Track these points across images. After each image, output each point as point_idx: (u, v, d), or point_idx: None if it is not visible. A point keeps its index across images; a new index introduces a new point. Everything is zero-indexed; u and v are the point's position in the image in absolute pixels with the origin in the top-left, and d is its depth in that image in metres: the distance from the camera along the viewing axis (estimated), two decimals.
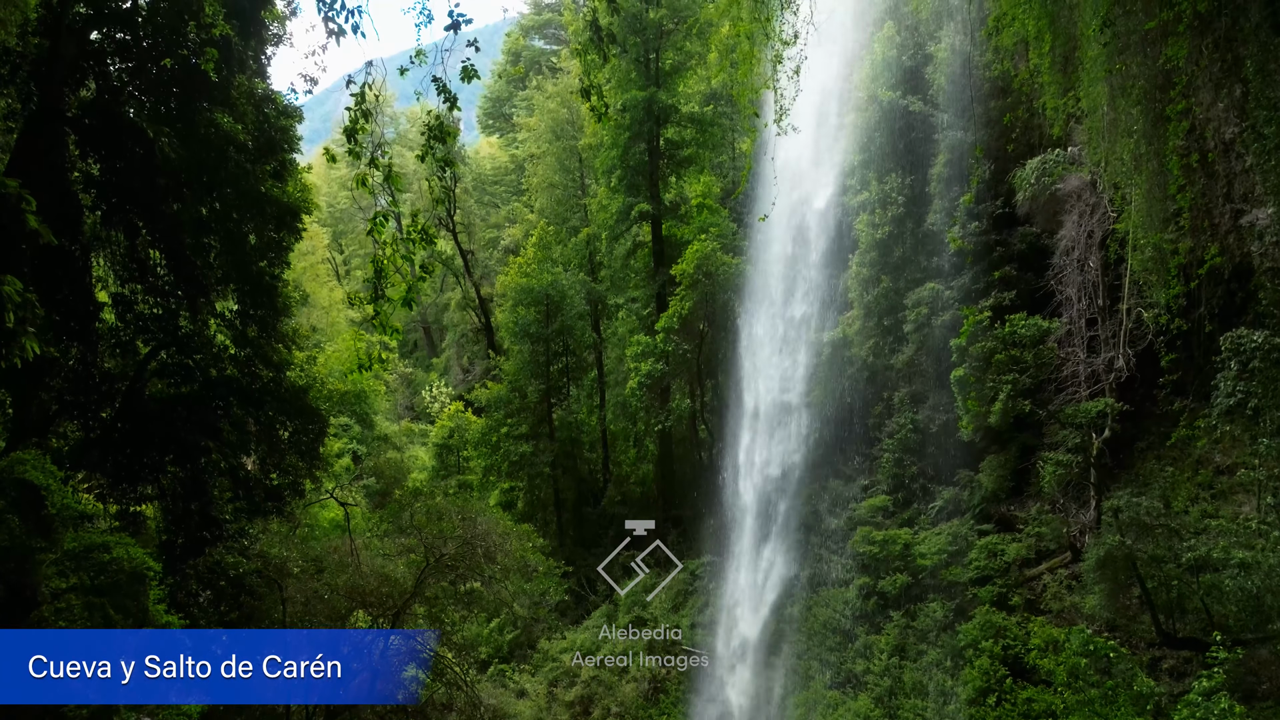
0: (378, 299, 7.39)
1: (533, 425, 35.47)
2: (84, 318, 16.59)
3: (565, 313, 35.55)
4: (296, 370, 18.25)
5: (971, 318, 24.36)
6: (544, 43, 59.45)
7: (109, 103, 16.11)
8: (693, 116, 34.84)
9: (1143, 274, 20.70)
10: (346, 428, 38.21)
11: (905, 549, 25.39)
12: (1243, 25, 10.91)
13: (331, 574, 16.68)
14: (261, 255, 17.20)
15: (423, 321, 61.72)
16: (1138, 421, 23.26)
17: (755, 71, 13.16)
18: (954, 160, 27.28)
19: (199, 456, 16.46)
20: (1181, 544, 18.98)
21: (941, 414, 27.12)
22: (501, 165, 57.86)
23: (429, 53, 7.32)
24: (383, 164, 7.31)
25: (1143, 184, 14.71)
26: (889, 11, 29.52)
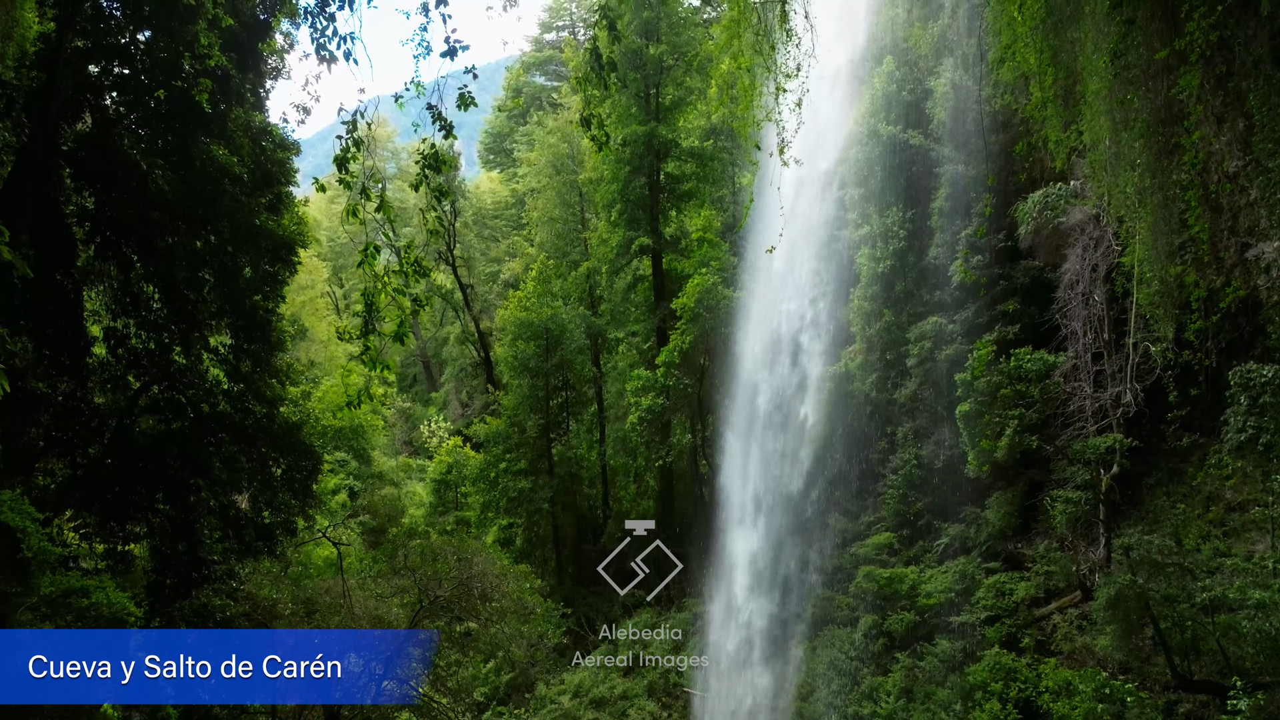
0: (367, 333, 7.11)
1: (532, 461, 35.04)
2: (75, 352, 16.31)
3: (565, 347, 35.30)
4: (290, 406, 17.94)
5: (984, 351, 24.07)
6: (544, 79, 59.95)
7: (104, 136, 15.97)
8: (693, 151, 34.91)
9: (1149, 308, 20.48)
10: (343, 463, 37.77)
11: (911, 588, 24.89)
12: (1244, 59, 10.79)
13: (323, 616, 16.25)
14: (256, 289, 16.96)
15: (422, 355, 61.49)
16: (1146, 457, 22.91)
17: (756, 104, 13.03)
18: (955, 194, 27.23)
19: (188, 495, 16.09)
20: (1195, 583, 18.56)
21: (946, 449, 26.76)
22: (502, 200, 58.01)
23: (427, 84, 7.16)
24: (375, 194, 7.07)
25: (1148, 217, 14.54)
26: (889, 47, 29.64)
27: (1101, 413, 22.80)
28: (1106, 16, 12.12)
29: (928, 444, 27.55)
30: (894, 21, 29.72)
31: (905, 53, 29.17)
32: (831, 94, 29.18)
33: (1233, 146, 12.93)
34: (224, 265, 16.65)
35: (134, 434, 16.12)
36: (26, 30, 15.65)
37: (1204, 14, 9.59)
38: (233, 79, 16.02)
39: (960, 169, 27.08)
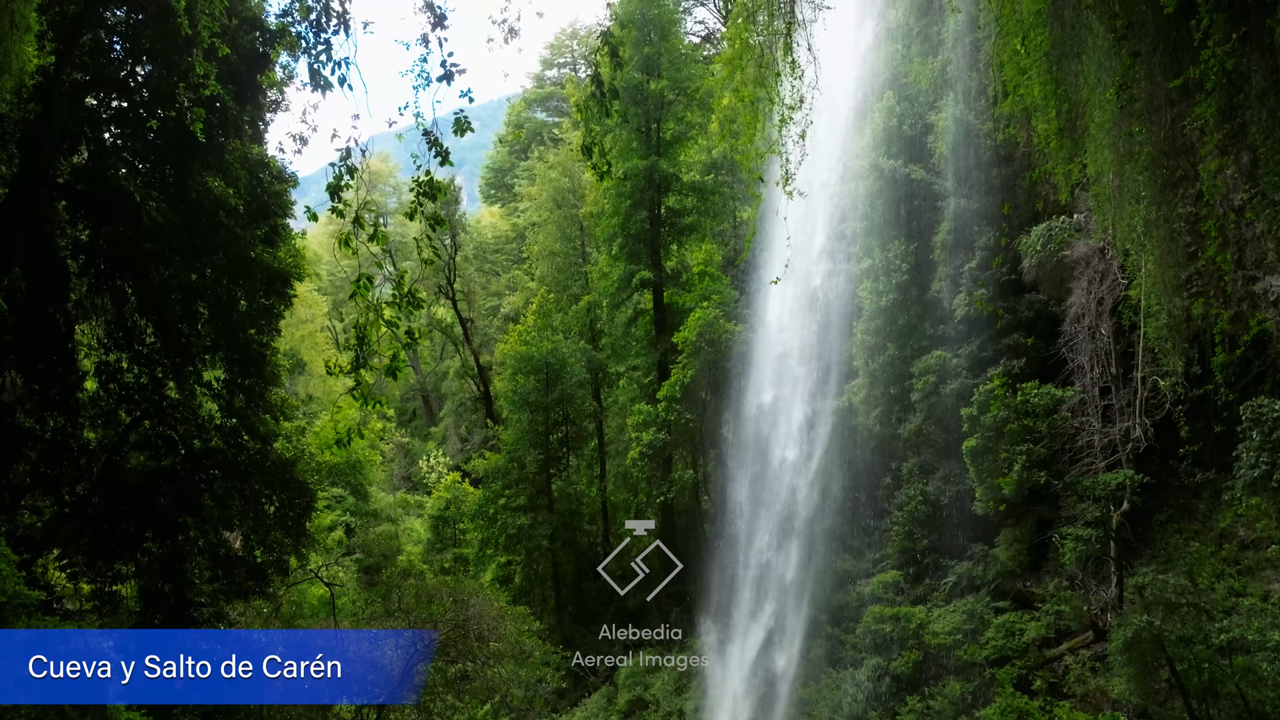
0: (359, 367, 6.81)
1: (531, 496, 34.55)
2: (66, 387, 16.02)
3: (565, 381, 34.98)
4: (284, 441, 17.59)
5: (998, 388, 23.76)
6: (545, 114, 60.33)
7: (100, 168, 15.82)
8: (694, 185, 34.94)
9: (1158, 341, 20.22)
10: (340, 499, 37.27)
11: (919, 627, 24.32)
12: (1247, 91, 10.66)
13: None
14: (251, 322, 16.69)
15: (421, 390, 61.15)
16: (1156, 493, 22.51)
17: (759, 136, 12.89)
18: (957, 228, 27.13)
19: (177, 533, 15.68)
20: (1211, 624, 18.08)
21: (953, 485, 26.34)
22: (502, 234, 58.06)
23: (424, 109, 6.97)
24: (369, 223, 6.82)
25: (1154, 250, 14.35)
26: (888, 82, 29.72)
27: (1111, 448, 22.43)
28: (1112, 48, 11.99)
29: (933, 480, 27.13)
30: (894, 57, 29.84)
31: (906, 88, 29.23)
32: (833, 128, 29.21)
33: (1238, 179, 12.76)
34: (219, 298, 16.41)
35: (123, 470, 15.75)
36: (25, 64, 15.59)
37: (1218, 41, 9.43)
38: (230, 111, 15.91)
39: (962, 202, 27.00)
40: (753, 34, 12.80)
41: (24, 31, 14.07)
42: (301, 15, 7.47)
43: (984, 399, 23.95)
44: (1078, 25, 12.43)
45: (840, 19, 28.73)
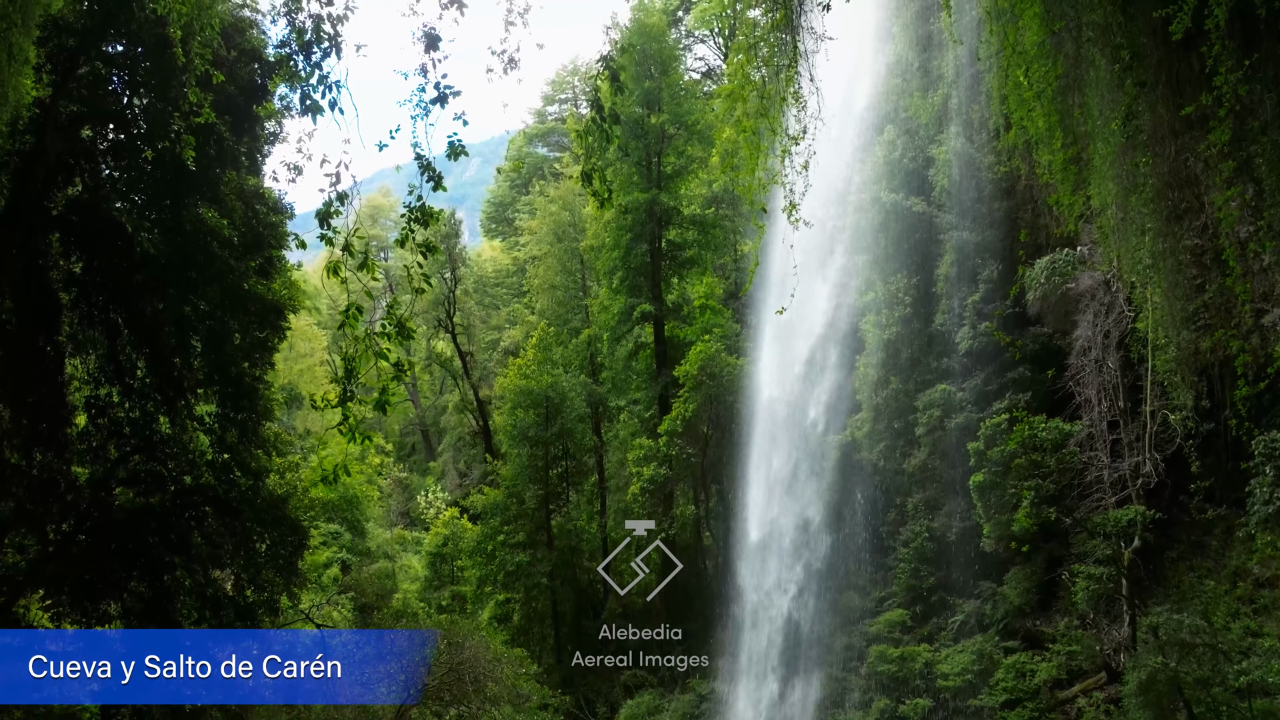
0: (346, 400, 6.52)
1: (530, 533, 33.99)
2: (55, 421, 15.68)
3: (565, 415, 34.60)
4: (276, 478, 17.22)
5: (1005, 419, 23.43)
6: (546, 149, 60.61)
7: (94, 200, 15.65)
8: (695, 218, 34.94)
9: (1166, 375, 19.93)
10: (336, 535, 36.69)
11: (926, 668, 23.77)
12: (1251, 124, 10.51)
13: (304, 704, 15.21)
14: (245, 355, 16.40)
15: (421, 424, 60.70)
16: (1167, 530, 22.10)
17: (762, 167, 12.73)
18: (960, 260, 27.01)
19: (163, 573, 15.26)
20: (1230, 665, 17.62)
21: (959, 521, 25.90)
22: (503, 267, 57.99)
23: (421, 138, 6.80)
24: (358, 250, 6.57)
25: (1161, 283, 14.15)
26: (888, 116, 29.77)
27: (1120, 483, 22.05)
28: (1115, 80, 11.85)
29: (939, 515, 26.70)
30: (893, 91, 29.92)
31: (906, 121, 29.27)
32: (833, 161, 29.19)
33: (1243, 211, 12.58)
34: (212, 331, 16.14)
35: (111, 507, 15.38)
36: (22, 96, 15.50)
37: (1230, 68, 9.26)
38: (227, 142, 15.77)
39: (965, 235, 26.91)
40: (755, 67, 12.69)
41: (22, 64, 13.96)
42: (298, 44, 7.31)
43: (990, 433, 23.62)
44: (1080, 57, 12.29)
45: (840, 53, 28.82)
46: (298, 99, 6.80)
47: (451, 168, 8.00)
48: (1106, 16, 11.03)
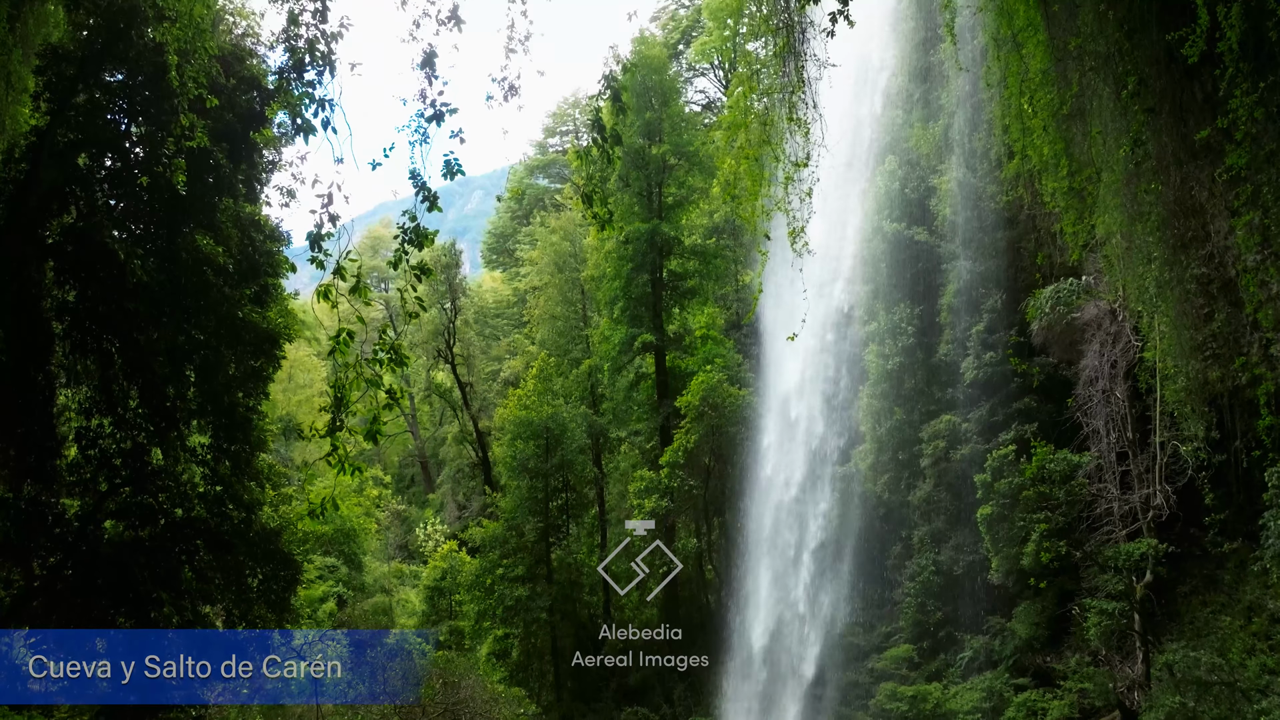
0: (335, 430, 6.25)
1: (530, 566, 33.41)
2: (44, 453, 15.38)
3: (565, 446, 34.17)
4: (270, 510, 16.85)
5: (1012, 450, 23.07)
6: (547, 180, 60.81)
7: (89, 228, 15.47)
8: (696, 248, 34.85)
9: (1176, 405, 19.60)
10: (333, 569, 36.12)
11: (936, 707, 23.17)
12: (1257, 154, 10.35)
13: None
14: (239, 385, 16.12)
15: (420, 455, 60.19)
16: (1179, 563, 21.63)
17: (765, 194, 12.56)
18: (963, 290, 26.82)
19: (151, 609, 14.85)
20: (1249, 705, 17.09)
21: (966, 554, 25.43)
22: (503, 298, 57.90)
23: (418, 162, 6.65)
24: (350, 273, 6.33)
25: (1168, 312, 13.92)
26: (890, 146, 29.76)
27: (1131, 516, 21.63)
28: (1120, 108, 11.70)
29: (946, 549, 26.23)
30: (894, 122, 29.94)
31: (907, 152, 29.25)
32: (836, 191, 29.12)
33: (1250, 240, 12.39)
34: (206, 360, 15.87)
35: (99, 541, 15.01)
36: (19, 125, 15.39)
37: (1246, 90, 9.08)
38: (224, 169, 15.61)
39: (967, 265, 26.75)
40: (756, 96, 12.57)
41: (20, 92, 13.85)
42: (292, 62, 7.14)
43: (998, 464, 23.24)
44: (1084, 85, 12.15)
45: (841, 82, 28.91)
46: (289, 117, 6.60)
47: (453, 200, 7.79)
48: (1112, 43, 10.88)
